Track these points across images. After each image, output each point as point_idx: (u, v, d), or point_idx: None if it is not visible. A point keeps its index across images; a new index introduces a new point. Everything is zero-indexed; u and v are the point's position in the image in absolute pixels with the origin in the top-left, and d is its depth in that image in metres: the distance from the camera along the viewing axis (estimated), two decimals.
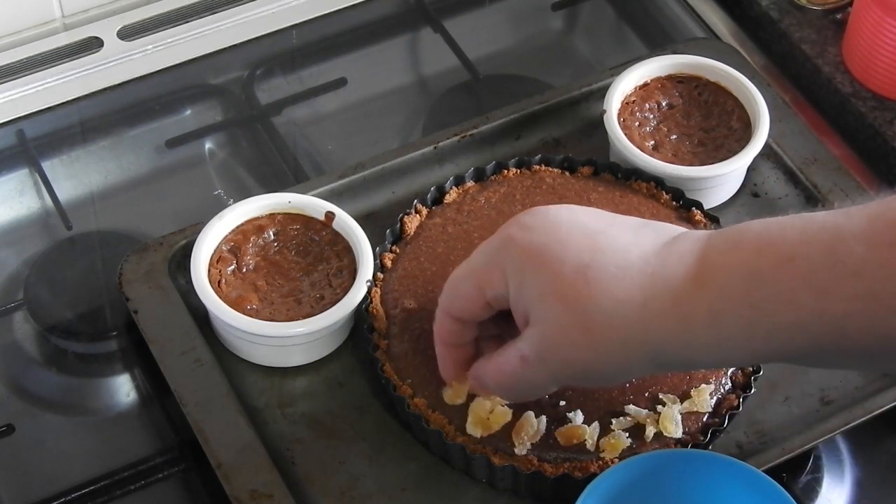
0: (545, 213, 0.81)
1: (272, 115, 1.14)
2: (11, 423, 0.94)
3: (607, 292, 0.76)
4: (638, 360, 0.78)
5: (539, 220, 0.80)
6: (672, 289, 0.75)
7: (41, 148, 1.10)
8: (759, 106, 1.03)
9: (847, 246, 0.72)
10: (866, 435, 0.94)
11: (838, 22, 1.16)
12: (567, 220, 0.80)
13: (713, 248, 0.76)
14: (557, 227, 0.79)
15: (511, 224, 0.81)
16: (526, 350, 0.79)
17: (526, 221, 0.80)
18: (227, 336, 0.95)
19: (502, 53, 1.21)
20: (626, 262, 0.77)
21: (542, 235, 0.78)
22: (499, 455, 0.87)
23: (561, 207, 0.82)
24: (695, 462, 0.84)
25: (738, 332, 0.75)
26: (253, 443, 0.89)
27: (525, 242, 0.79)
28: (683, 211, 0.99)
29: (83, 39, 1.15)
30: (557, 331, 0.77)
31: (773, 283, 0.73)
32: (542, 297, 0.77)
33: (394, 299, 0.94)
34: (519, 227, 0.80)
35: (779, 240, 0.74)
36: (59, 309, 1.00)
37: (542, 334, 0.78)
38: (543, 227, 0.79)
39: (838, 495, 0.92)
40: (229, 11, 1.17)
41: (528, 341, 0.79)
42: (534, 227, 0.79)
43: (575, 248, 0.77)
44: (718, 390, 0.90)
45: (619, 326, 0.76)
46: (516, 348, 0.80)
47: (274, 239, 0.97)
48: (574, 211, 0.81)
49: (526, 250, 0.78)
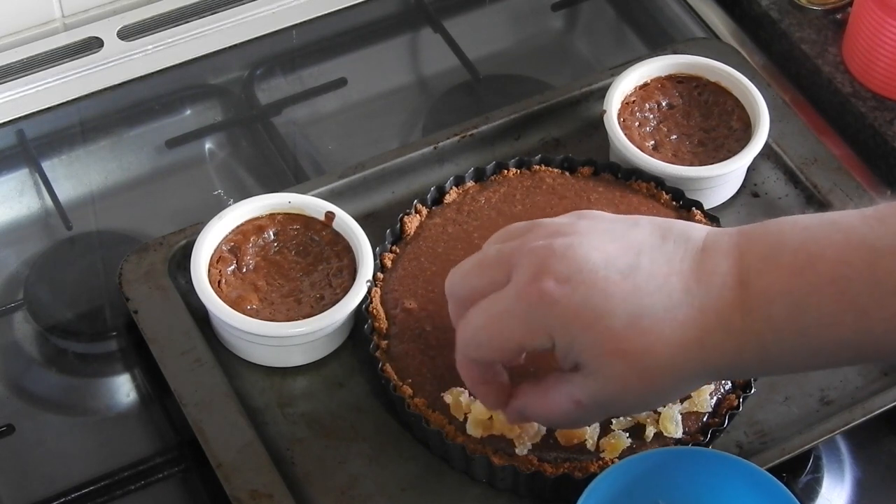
0: (575, 259, 0.77)
1: (272, 115, 1.14)
2: (11, 423, 0.94)
3: (663, 339, 0.76)
4: (694, 387, 0.85)
5: (573, 269, 0.76)
6: (723, 321, 0.76)
7: (41, 148, 1.10)
8: (759, 106, 1.03)
9: (886, 262, 0.73)
10: (866, 435, 0.94)
11: (838, 22, 1.16)
12: (600, 262, 0.77)
13: (750, 268, 0.76)
14: (594, 274, 0.76)
15: (543, 273, 0.77)
16: (580, 396, 0.79)
17: (560, 271, 0.76)
18: (227, 336, 0.95)
19: (502, 53, 1.21)
20: (672, 301, 0.76)
21: (583, 288, 0.76)
22: (499, 455, 0.87)
23: (585, 241, 0.78)
24: (697, 460, 0.84)
25: (786, 354, 0.77)
26: (253, 443, 0.89)
27: (567, 302, 0.76)
28: (683, 211, 0.99)
29: (83, 39, 1.15)
30: (616, 384, 0.77)
31: (817, 308, 0.75)
32: (596, 355, 0.77)
33: (394, 299, 0.94)
34: (555, 280, 0.76)
35: (818, 259, 0.75)
36: (59, 309, 1.00)
37: (599, 387, 0.78)
38: (581, 279, 0.76)
39: (838, 495, 0.92)
40: (229, 11, 1.17)
41: (582, 389, 0.78)
42: (570, 280, 0.76)
43: (618, 296, 0.76)
44: (718, 390, 0.90)
45: (681, 368, 0.77)
46: (568, 393, 0.79)
47: (274, 239, 0.97)
48: (601, 247, 0.78)
49: (570, 311, 0.76)
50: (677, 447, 0.87)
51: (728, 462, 0.83)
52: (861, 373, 0.95)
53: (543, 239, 0.79)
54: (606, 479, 0.82)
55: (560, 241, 0.78)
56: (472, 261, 0.83)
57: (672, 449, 0.86)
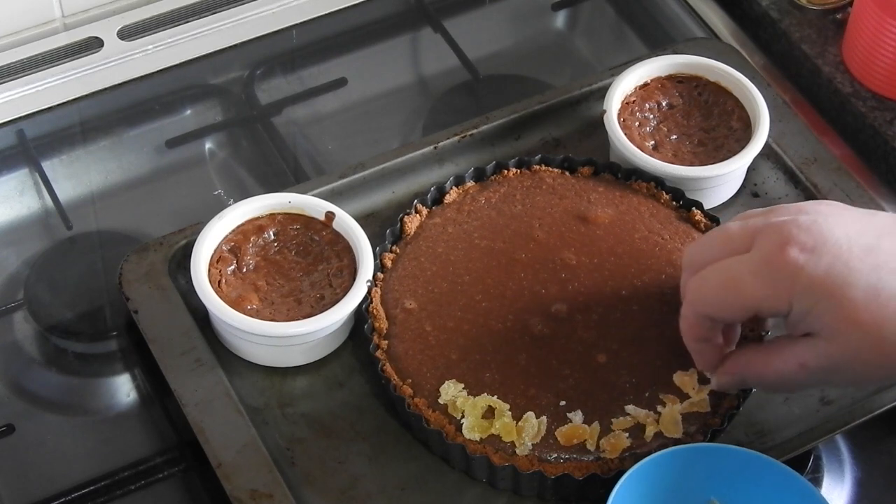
0: (820, 232, 0.80)
1: (272, 115, 1.14)
2: (11, 423, 0.94)
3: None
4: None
5: (818, 240, 0.80)
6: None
7: (41, 148, 1.10)
8: (759, 106, 1.03)
9: None
10: (866, 435, 0.94)
11: (838, 22, 1.16)
12: (843, 236, 0.80)
13: None
14: (838, 247, 0.80)
15: (788, 243, 0.80)
16: (808, 360, 0.81)
17: (805, 242, 0.80)
18: (227, 336, 0.95)
19: (502, 53, 1.21)
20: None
21: (827, 258, 0.79)
22: (499, 455, 0.87)
23: (829, 219, 0.81)
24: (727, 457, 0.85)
25: None
26: (253, 443, 0.89)
27: (812, 270, 0.79)
28: (683, 211, 0.99)
29: (83, 39, 1.15)
30: (850, 353, 0.80)
31: None
32: (834, 321, 0.80)
33: (394, 299, 0.94)
34: (800, 248, 0.80)
35: None
36: (59, 309, 1.00)
37: (832, 353, 0.81)
38: (825, 250, 0.80)
39: (838, 495, 0.92)
40: (229, 11, 1.17)
41: (813, 354, 0.81)
42: (815, 250, 0.80)
43: (861, 269, 0.79)
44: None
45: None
46: (795, 354, 0.82)
47: (274, 239, 0.97)
48: (843, 222, 0.81)
49: (815, 280, 0.79)
50: (713, 444, 0.88)
51: (761, 462, 0.84)
52: None
53: (787, 216, 0.82)
54: (637, 474, 0.83)
55: (804, 217, 0.82)
56: (713, 234, 0.86)
57: (704, 445, 0.87)
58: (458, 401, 0.89)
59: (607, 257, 0.96)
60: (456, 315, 0.93)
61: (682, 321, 0.86)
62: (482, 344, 0.91)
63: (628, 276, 0.95)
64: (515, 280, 0.94)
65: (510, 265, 0.95)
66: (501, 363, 0.90)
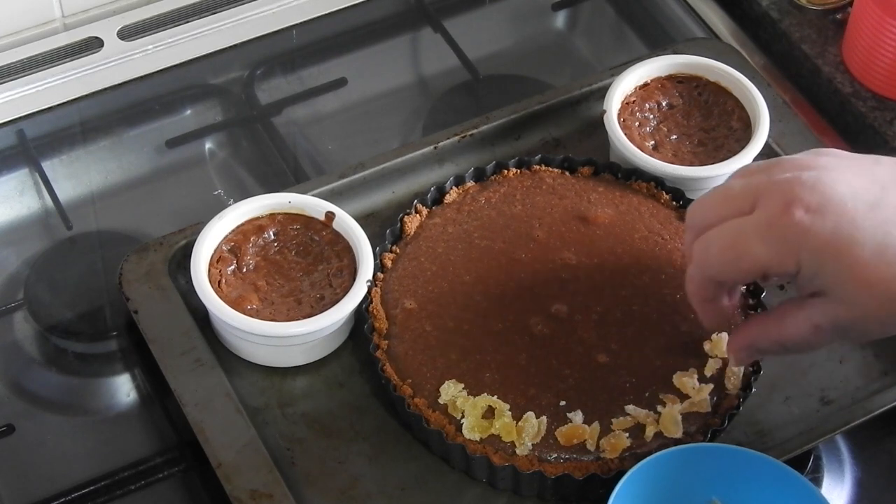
0: (824, 191, 0.79)
1: (272, 115, 1.14)
2: (11, 423, 0.94)
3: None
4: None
5: (823, 199, 0.79)
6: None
7: (41, 148, 1.10)
8: (759, 106, 1.03)
9: None
10: (866, 435, 0.94)
11: (838, 22, 1.16)
12: (848, 194, 0.79)
13: None
14: (843, 205, 0.79)
15: (793, 203, 0.79)
16: (821, 321, 0.81)
17: (810, 201, 0.79)
18: (227, 336, 0.95)
19: (502, 53, 1.21)
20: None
21: (833, 217, 0.79)
22: (499, 455, 0.87)
23: (832, 174, 0.80)
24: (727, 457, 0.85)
25: None
26: (253, 443, 0.89)
27: (819, 230, 0.78)
28: (683, 211, 0.99)
29: (83, 39, 1.15)
30: (860, 312, 0.80)
31: None
32: (842, 282, 0.79)
33: (394, 299, 0.94)
34: (805, 208, 0.79)
35: None
36: (59, 309, 1.00)
37: (843, 313, 0.80)
38: (831, 209, 0.79)
39: (838, 495, 0.92)
40: (229, 11, 1.17)
41: (824, 315, 0.81)
42: (820, 209, 0.79)
43: (867, 227, 0.78)
44: (719, 390, 0.90)
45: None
46: (807, 316, 0.82)
47: (274, 239, 0.97)
48: (847, 178, 0.80)
49: (822, 239, 0.78)
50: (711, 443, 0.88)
51: (761, 462, 0.84)
52: (861, 373, 0.95)
53: (789, 173, 0.81)
54: (637, 474, 0.83)
55: (807, 174, 0.80)
56: (716, 193, 0.85)
57: (703, 445, 0.87)
58: (458, 401, 0.89)
59: (607, 257, 0.96)
60: (456, 315, 0.93)
61: (688, 283, 0.85)
62: (482, 344, 0.91)
63: (628, 276, 0.95)
64: (515, 280, 0.94)
65: (510, 265, 0.95)
66: (501, 363, 0.90)
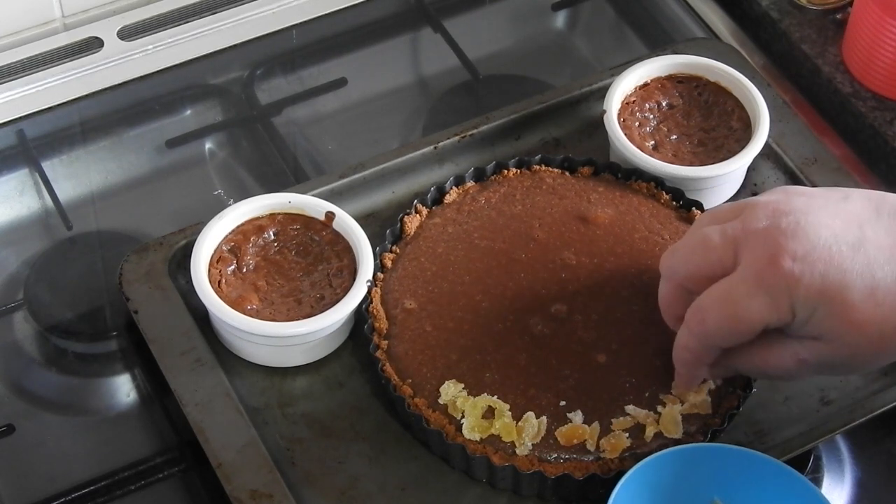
0: (807, 237, 0.80)
1: (272, 115, 1.14)
2: (11, 423, 0.94)
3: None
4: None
5: (807, 247, 0.80)
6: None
7: (41, 148, 1.10)
8: (759, 106, 1.03)
9: None
10: (866, 435, 0.94)
11: (838, 22, 1.16)
12: (831, 237, 0.80)
13: None
14: (828, 250, 0.80)
15: (779, 254, 0.80)
16: (806, 356, 0.83)
17: (795, 250, 0.80)
18: (227, 336, 0.95)
19: (502, 53, 1.21)
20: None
21: (820, 265, 0.80)
22: (499, 455, 0.87)
23: (810, 217, 0.81)
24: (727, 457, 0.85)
25: None
26: (253, 443, 0.89)
27: (809, 279, 0.79)
28: (683, 211, 0.99)
29: (83, 39, 1.15)
30: (849, 351, 0.81)
31: None
32: (835, 325, 0.80)
33: (394, 299, 0.94)
34: (791, 258, 0.80)
35: None
36: (59, 309, 1.00)
37: (831, 352, 0.82)
38: (816, 256, 0.80)
39: (838, 495, 0.92)
40: (229, 11, 1.17)
41: (810, 351, 0.82)
42: (807, 257, 0.80)
43: (854, 270, 0.80)
44: (718, 390, 0.90)
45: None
46: (794, 352, 0.83)
47: (274, 239, 0.97)
48: (824, 220, 0.81)
49: (813, 289, 0.79)
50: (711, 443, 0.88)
51: (762, 462, 0.85)
52: (861, 372, 0.95)
53: (766, 220, 0.82)
54: (637, 474, 0.83)
55: (785, 221, 0.81)
56: (692, 242, 0.85)
57: (704, 445, 0.87)
58: (458, 401, 0.89)
59: (607, 257, 0.96)
60: (456, 315, 0.93)
61: (683, 351, 0.85)
62: (482, 344, 0.91)
63: (628, 276, 0.95)
64: (515, 280, 0.94)
65: (510, 265, 0.95)
66: (501, 363, 0.90)
